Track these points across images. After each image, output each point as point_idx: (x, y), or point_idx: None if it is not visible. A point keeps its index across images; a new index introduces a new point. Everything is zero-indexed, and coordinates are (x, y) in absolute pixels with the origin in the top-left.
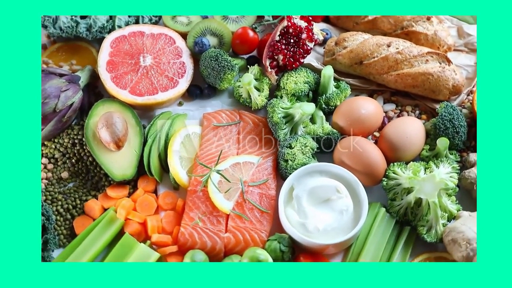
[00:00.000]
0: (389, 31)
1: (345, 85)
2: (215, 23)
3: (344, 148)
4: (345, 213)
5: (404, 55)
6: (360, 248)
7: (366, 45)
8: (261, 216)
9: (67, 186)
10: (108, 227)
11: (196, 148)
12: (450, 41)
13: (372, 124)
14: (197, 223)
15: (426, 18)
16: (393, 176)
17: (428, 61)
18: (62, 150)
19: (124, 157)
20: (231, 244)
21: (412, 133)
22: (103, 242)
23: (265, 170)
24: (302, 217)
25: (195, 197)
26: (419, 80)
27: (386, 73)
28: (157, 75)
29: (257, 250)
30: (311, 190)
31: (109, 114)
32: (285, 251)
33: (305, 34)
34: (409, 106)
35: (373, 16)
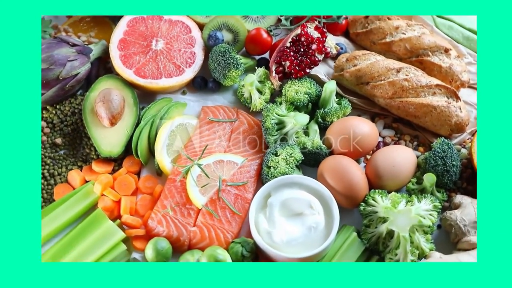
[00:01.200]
0: (404, 57)
1: (347, 102)
2: (233, 20)
3: (328, 165)
4: (314, 230)
5: (411, 83)
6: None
7: (375, 66)
8: (232, 217)
9: (58, 153)
10: (84, 199)
11: (186, 138)
12: (464, 77)
13: (364, 146)
14: (167, 211)
15: (444, 50)
16: (372, 203)
17: (435, 94)
18: (61, 117)
19: (115, 134)
20: (196, 239)
21: (401, 163)
22: (75, 213)
23: (248, 173)
24: (270, 225)
25: (173, 186)
26: (421, 111)
27: (390, 98)
28: (165, 60)
29: (218, 249)
30: (285, 201)
31: (108, 91)
32: (246, 256)
33: (315, 45)
34: (408, 136)
35: (390, 39)
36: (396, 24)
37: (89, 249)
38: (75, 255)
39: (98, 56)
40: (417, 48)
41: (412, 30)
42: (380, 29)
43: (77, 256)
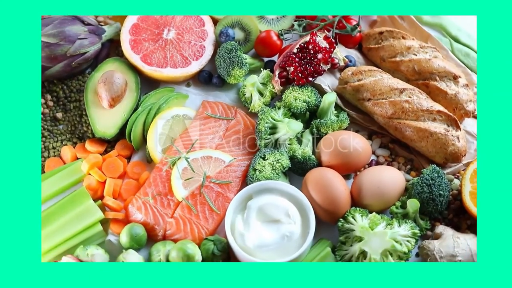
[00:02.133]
0: (412, 78)
1: (345, 116)
2: (247, 19)
3: (313, 177)
4: (287, 239)
5: (411, 106)
6: None
7: (379, 84)
8: (210, 214)
9: (57, 127)
10: (71, 175)
11: (181, 130)
12: (469, 107)
13: (355, 161)
14: (148, 199)
15: (453, 76)
16: (350, 220)
17: (435, 120)
18: (66, 92)
19: (111, 116)
20: (171, 231)
21: (387, 184)
22: (59, 188)
23: (234, 173)
24: (245, 228)
25: (158, 175)
26: (418, 135)
27: (389, 117)
28: (174, 50)
29: (189, 244)
30: (264, 205)
31: (111, 73)
32: (217, 254)
33: (321, 55)
34: (402, 158)
35: (400, 58)
36: (409, 44)
37: (66, 224)
38: (52, 229)
39: (111, 38)
40: (425, 71)
41: (424, 52)
42: (392, 47)
43: (54, 229)
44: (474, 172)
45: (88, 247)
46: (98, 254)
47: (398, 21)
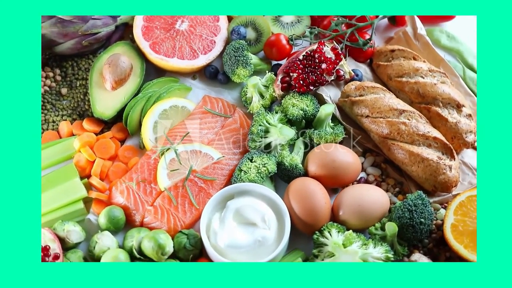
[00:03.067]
0: (415, 101)
1: (340, 130)
2: (260, 20)
3: (295, 186)
4: (259, 244)
5: (408, 128)
6: None
7: (379, 102)
8: (189, 208)
9: (61, 101)
10: (62, 151)
11: (177, 121)
12: (469, 138)
13: (342, 176)
14: (131, 185)
15: (457, 105)
16: (326, 235)
17: (430, 146)
18: (75, 69)
19: (112, 98)
20: (148, 218)
21: (368, 204)
22: (50, 161)
23: (221, 170)
24: (220, 227)
25: (146, 162)
26: (410, 158)
27: (384, 137)
28: (184, 42)
29: (162, 234)
30: (243, 207)
31: (117, 56)
32: (188, 249)
33: (325, 65)
34: (392, 180)
35: (406, 79)
36: (418, 66)
37: (50, 197)
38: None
39: (126, 22)
40: (429, 95)
41: (432, 76)
42: (400, 66)
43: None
44: (460, 204)
45: (66, 222)
46: (74, 231)
47: (413, 41)
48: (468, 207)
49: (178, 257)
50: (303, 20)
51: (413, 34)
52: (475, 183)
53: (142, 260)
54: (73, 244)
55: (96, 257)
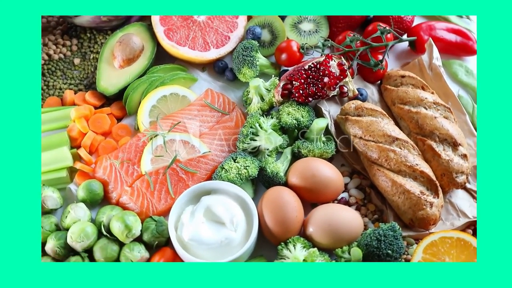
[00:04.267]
0: (413, 131)
1: (331, 146)
2: (278, 23)
3: (269, 194)
4: (222, 244)
5: (397, 157)
6: None
7: (374, 125)
8: (165, 196)
9: (72, 71)
10: (60, 119)
11: (175, 108)
12: (459, 179)
13: (322, 192)
14: (115, 162)
15: (453, 143)
16: (290, 247)
17: (416, 179)
18: (92, 43)
19: (117, 76)
20: (124, 198)
21: (339, 225)
22: (47, 127)
23: (205, 165)
24: (189, 220)
25: (135, 143)
26: (392, 188)
27: (372, 162)
28: (198, 32)
29: (131, 216)
30: (215, 205)
31: (130, 36)
32: (154, 235)
33: (327, 79)
34: (373, 206)
35: (409, 107)
36: (423, 96)
37: None
38: None
39: None
40: (427, 128)
41: (436, 109)
42: (405, 94)
43: None
44: (432, 243)
45: (46, 187)
46: (52, 197)
47: (426, 70)
48: (439, 247)
49: (143, 241)
50: (321, 31)
51: (428, 63)
52: (458, 225)
53: (108, 238)
54: (49, 210)
55: (66, 226)
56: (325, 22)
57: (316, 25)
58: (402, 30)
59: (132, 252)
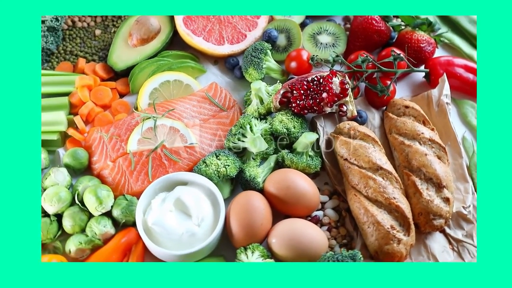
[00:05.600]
0: (402, 163)
1: (316, 162)
2: (296, 30)
3: (239, 198)
4: (183, 236)
5: (376, 186)
6: None
7: (361, 150)
8: (143, 178)
9: (91, 41)
10: (66, 84)
11: (175, 95)
12: (436, 222)
13: (295, 205)
14: (104, 135)
15: (438, 184)
16: (248, 253)
17: (390, 212)
18: (116, 17)
19: (129, 54)
20: (104, 172)
21: (301, 242)
22: (52, 90)
23: (189, 155)
24: (158, 205)
25: (128, 121)
26: (364, 216)
27: (351, 186)
28: (216, 25)
29: (105, 190)
30: (187, 197)
31: (149, 17)
32: (123, 213)
33: (326, 95)
34: (344, 230)
35: (403, 139)
36: (420, 130)
37: None
38: None
39: None
40: (415, 164)
41: (430, 147)
42: (403, 125)
43: None
44: None
45: None
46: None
47: (433, 105)
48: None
49: (112, 217)
50: (338, 46)
51: (437, 98)
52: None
53: (80, 207)
54: None
55: (44, 187)
56: (344, 38)
57: (335, 39)
58: (421, 60)
59: (98, 225)
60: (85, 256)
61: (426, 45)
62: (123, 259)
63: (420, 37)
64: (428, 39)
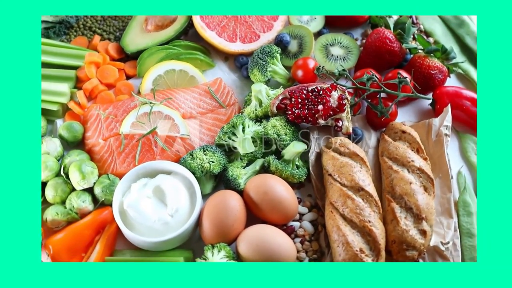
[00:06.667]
0: (386, 188)
1: (300, 173)
2: (308, 38)
3: (217, 196)
4: (155, 223)
5: (353, 206)
6: None
7: (346, 168)
8: (129, 160)
9: (111, 20)
10: (77, 57)
11: (179, 85)
12: (409, 253)
13: (269, 212)
14: (101, 113)
15: (417, 215)
16: (214, 252)
17: (363, 235)
18: None
19: (142, 38)
20: (95, 148)
21: (268, 249)
22: (62, 61)
23: (179, 146)
24: (137, 190)
25: (127, 103)
26: (335, 234)
27: (329, 202)
28: (232, 22)
29: (90, 167)
30: (167, 186)
31: None
32: (103, 192)
33: (321, 107)
34: (317, 245)
35: (391, 164)
36: (411, 158)
37: None
38: None
39: None
40: (398, 191)
41: (417, 176)
42: (395, 150)
43: None
44: None
45: None
46: None
47: (431, 135)
48: None
49: (93, 194)
50: (349, 60)
51: (437, 128)
52: None
53: (64, 179)
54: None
55: None
56: (356, 52)
57: (347, 53)
58: (429, 87)
59: (78, 199)
60: (60, 227)
61: (437, 72)
62: (96, 236)
63: (432, 63)
64: (440, 66)
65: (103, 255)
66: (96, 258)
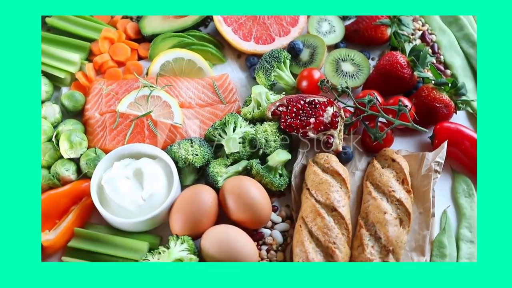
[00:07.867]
0: (362, 212)
1: (281, 182)
2: (321, 49)
3: (190, 190)
4: (127, 204)
5: (322, 225)
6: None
7: (324, 185)
8: (119, 139)
9: None
10: (95, 30)
11: (186, 74)
12: None
13: (242, 213)
14: (104, 88)
15: (384, 246)
16: (177, 243)
17: (326, 255)
18: None
19: (160, 22)
20: (91, 121)
21: (230, 249)
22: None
23: (171, 134)
24: (119, 168)
25: (130, 83)
26: (297, 249)
27: (301, 217)
28: (250, 22)
29: (79, 138)
30: (148, 170)
31: None
32: (87, 164)
33: (313, 120)
34: (282, 256)
35: (372, 189)
36: (392, 188)
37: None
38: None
39: None
40: (371, 218)
41: (395, 207)
42: (379, 176)
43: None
44: None
45: (44, 78)
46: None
47: (421, 167)
48: None
49: (78, 164)
50: (357, 78)
51: (428, 163)
52: None
53: (54, 146)
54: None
55: None
56: (366, 72)
57: (357, 70)
58: (432, 119)
59: (62, 167)
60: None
61: (442, 106)
62: (71, 206)
63: (438, 96)
64: (447, 101)
65: (73, 225)
66: (66, 227)
